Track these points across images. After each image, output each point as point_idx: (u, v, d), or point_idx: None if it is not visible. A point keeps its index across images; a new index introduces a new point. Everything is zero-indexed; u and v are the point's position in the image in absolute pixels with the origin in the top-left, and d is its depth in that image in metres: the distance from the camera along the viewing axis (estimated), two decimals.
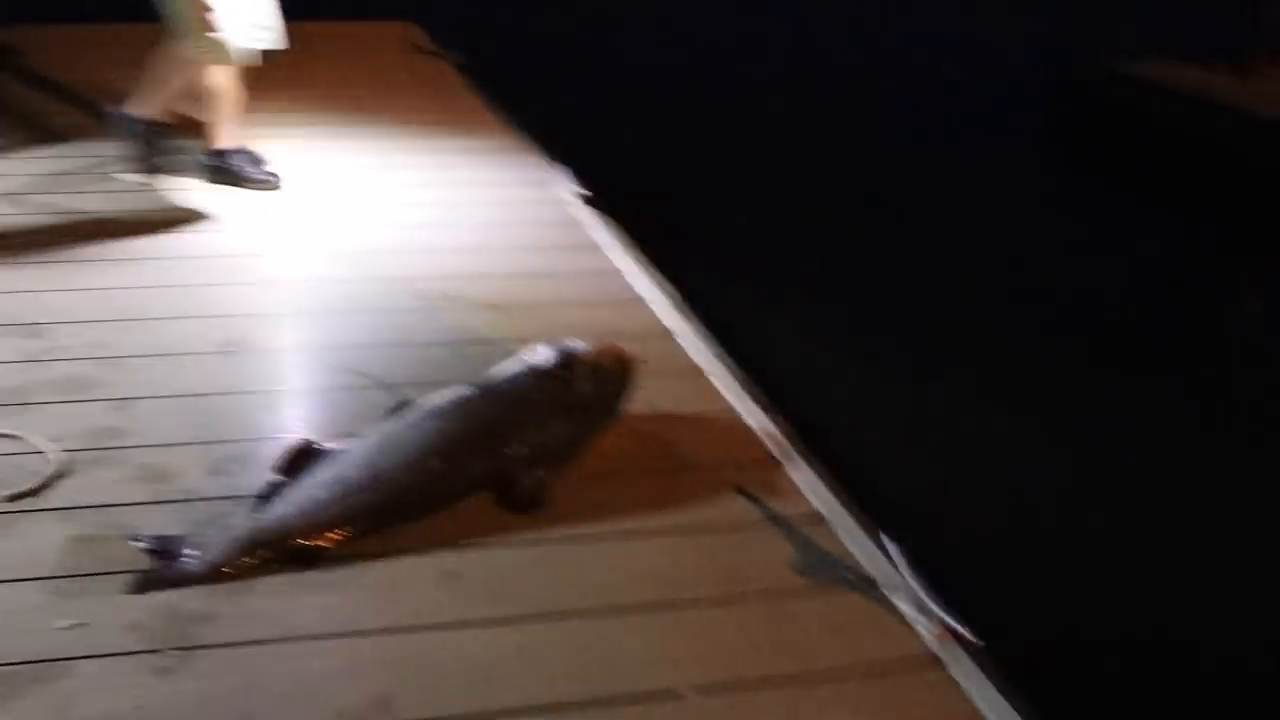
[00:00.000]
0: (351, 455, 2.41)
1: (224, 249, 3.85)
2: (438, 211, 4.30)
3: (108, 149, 4.52)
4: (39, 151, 4.74)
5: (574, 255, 3.98)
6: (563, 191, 4.52)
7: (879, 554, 2.40)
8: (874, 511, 2.54)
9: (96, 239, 3.86)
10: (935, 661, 2.13)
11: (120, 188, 4.34)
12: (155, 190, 4.32)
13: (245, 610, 2.11)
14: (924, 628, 2.19)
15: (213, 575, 2.18)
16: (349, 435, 2.54)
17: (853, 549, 2.42)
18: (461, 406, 2.53)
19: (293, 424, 2.75)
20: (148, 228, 3.98)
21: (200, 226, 4.02)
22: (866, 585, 2.32)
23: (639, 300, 3.59)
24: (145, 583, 2.14)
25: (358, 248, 3.93)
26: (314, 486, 2.33)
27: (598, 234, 4.13)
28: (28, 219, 4.02)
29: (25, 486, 2.41)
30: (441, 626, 2.11)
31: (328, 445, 2.48)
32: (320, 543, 2.26)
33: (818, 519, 2.52)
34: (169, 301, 3.39)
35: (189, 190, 4.33)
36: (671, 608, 2.21)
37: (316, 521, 2.27)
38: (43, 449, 2.55)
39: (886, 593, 2.29)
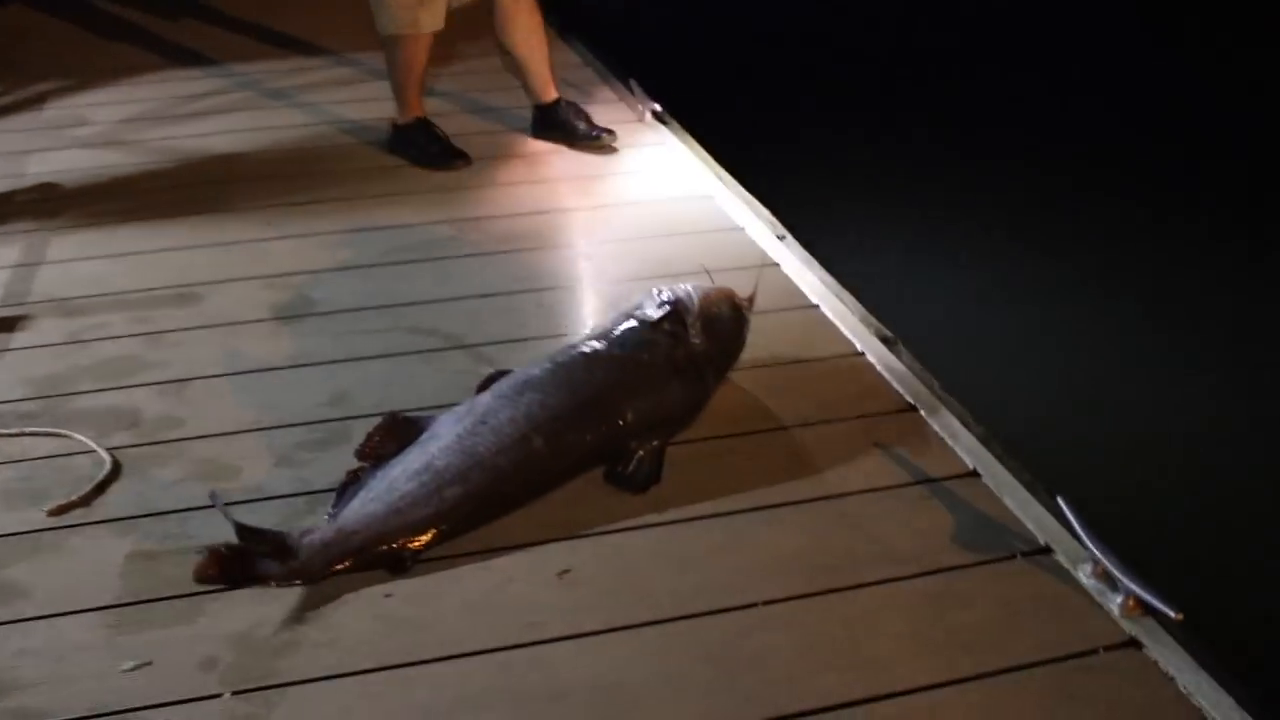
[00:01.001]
0: (441, 438, 2.13)
1: (271, 197, 3.55)
2: (505, 137, 3.99)
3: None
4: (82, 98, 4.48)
5: (663, 180, 3.65)
6: (639, 105, 4.17)
7: (1048, 516, 2.10)
8: (1034, 464, 2.23)
9: (136, 197, 3.59)
10: (1130, 642, 1.84)
11: (155, 136, 4.07)
12: (194, 138, 4.04)
13: (334, 635, 1.84)
14: (1112, 602, 1.90)
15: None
16: (439, 409, 2.27)
17: (1017, 511, 2.12)
18: (563, 373, 2.24)
19: (368, 399, 2.48)
20: (190, 180, 3.70)
21: (247, 177, 3.74)
22: (1039, 554, 2.02)
23: (737, 228, 3.27)
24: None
25: (420, 186, 3.63)
26: (402, 478, 2.06)
27: (682, 156, 3.80)
28: (60, 178, 3.74)
29: (74, 495, 2.16)
30: (559, 639, 1.84)
31: (417, 420, 2.22)
32: (413, 545, 1.99)
33: (972, 476, 2.23)
34: (218, 263, 3.11)
35: (237, 132, 4.06)
36: (820, 598, 1.92)
37: (407, 520, 2.00)
38: (93, 447, 2.31)
39: (1063, 562, 2.00)
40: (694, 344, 2.32)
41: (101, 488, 2.20)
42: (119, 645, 1.83)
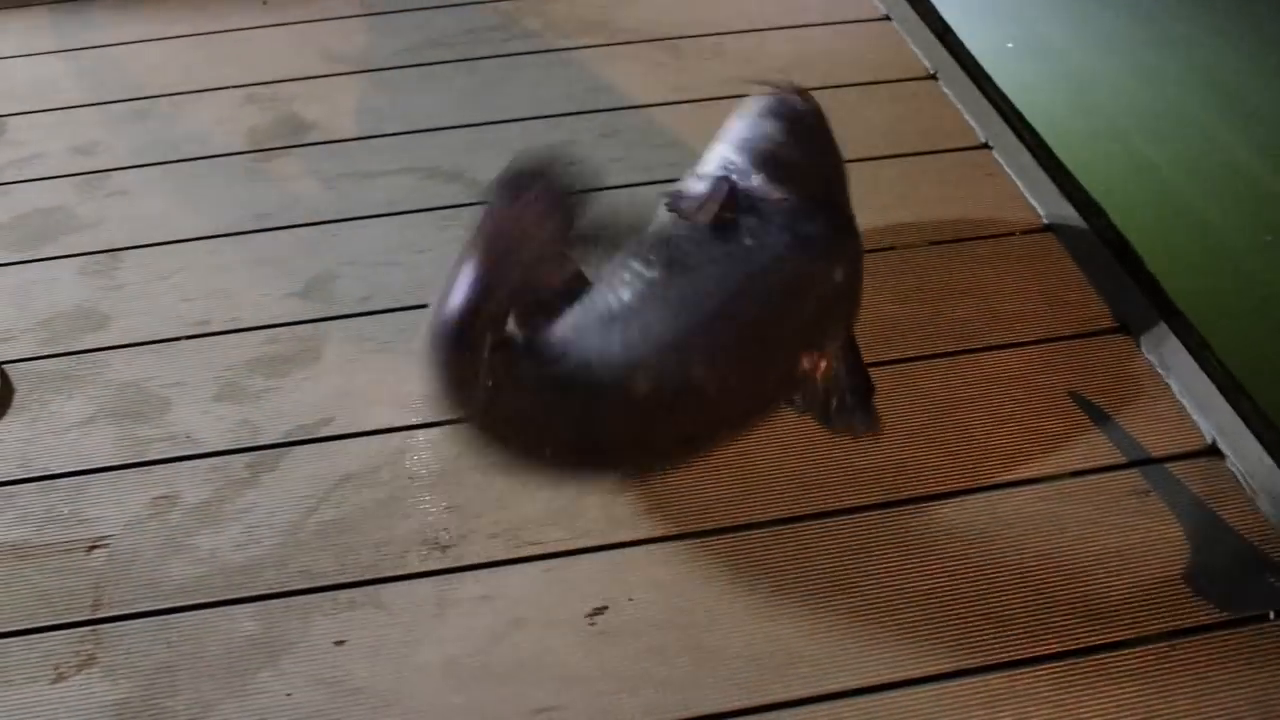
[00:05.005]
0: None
1: None
2: None
3: None
4: None
5: None
6: None
7: None
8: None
9: None
10: None
11: None
12: None
13: (261, 709, 1.33)
14: None
15: None
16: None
17: None
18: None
19: (354, 289, 1.90)
20: None
21: None
22: None
23: (881, 18, 2.54)
24: None
25: None
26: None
27: None
28: None
29: None
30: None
31: None
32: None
33: (1210, 455, 1.57)
34: (191, 64, 2.49)
35: None
36: (975, 678, 1.33)
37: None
38: None
39: None
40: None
41: None
42: None
